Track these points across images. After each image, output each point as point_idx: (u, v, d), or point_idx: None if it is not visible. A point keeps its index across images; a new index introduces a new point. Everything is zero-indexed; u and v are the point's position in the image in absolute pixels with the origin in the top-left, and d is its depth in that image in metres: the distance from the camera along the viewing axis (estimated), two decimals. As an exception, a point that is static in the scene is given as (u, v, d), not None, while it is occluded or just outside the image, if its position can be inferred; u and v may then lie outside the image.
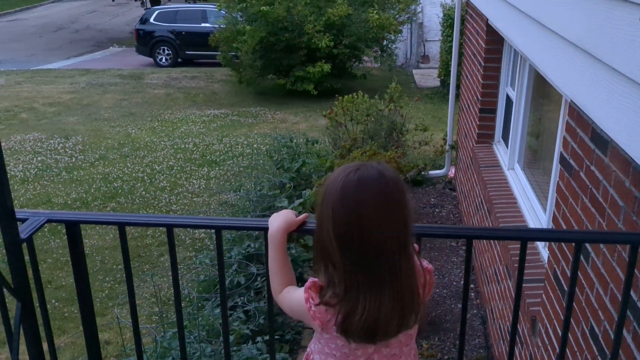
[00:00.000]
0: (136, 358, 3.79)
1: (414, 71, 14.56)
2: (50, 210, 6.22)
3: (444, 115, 9.14)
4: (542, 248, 3.24)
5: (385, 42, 12.65)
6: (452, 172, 6.83)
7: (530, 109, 4.12)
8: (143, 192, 7.29)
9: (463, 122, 6.01)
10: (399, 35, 12.94)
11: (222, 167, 8.12)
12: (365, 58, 12.59)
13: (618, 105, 1.88)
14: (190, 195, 7.19)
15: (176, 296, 1.76)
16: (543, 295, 2.79)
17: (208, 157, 8.60)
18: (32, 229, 1.61)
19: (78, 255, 1.75)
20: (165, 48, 16.11)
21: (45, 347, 1.77)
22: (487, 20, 4.65)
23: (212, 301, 4.18)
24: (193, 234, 5.98)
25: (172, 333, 3.73)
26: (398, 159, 6.07)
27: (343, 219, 1.32)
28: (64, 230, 6.47)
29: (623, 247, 1.91)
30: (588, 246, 2.22)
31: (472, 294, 4.60)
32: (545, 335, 2.72)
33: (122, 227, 1.72)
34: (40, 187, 7.50)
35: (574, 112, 2.40)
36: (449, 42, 10.69)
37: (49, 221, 1.69)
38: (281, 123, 10.51)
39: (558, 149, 3.00)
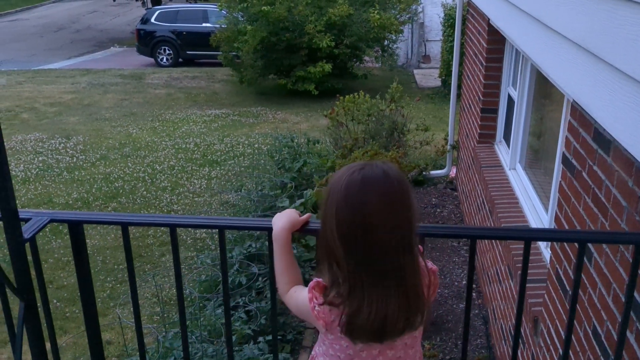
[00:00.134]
0: (138, 358, 3.80)
1: (415, 71, 14.55)
2: (51, 210, 6.22)
3: (445, 115, 9.14)
4: (544, 248, 3.24)
5: (386, 42, 12.65)
6: (454, 172, 6.82)
7: (531, 109, 4.11)
8: (144, 192, 7.29)
9: (464, 122, 6.00)
10: (400, 35, 12.94)
11: (223, 167, 8.12)
12: (366, 58, 12.59)
13: (621, 105, 1.87)
14: (191, 195, 7.19)
15: (179, 297, 1.76)
16: (545, 295, 2.79)
17: (209, 157, 8.60)
18: (35, 229, 1.61)
19: (81, 255, 1.74)
20: (166, 48, 16.11)
21: (47, 347, 1.77)
22: (489, 20, 4.64)
23: (214, 301, 4.18)
24: (194, 234, 5.98)
25: (174, 333, 3.73)
26: (399, 159, 6.07)
27: (347, 219, 1.32)
28: (65, 230, 6.45)
29: (626, 247, 1.91)
30: (590, 246, 2.21)
31: (474, 294, 4.59)
32: (547, 335, 2.72)
33: (125, 227, 1.72)
34: (41, 187, 7.50)
35: (576, 112, 2.39)
36: (450, 42, 10.68)
37: (52, 221, 1.68)
38: (282, 123, 10.51)
39: (560, 149, 3.00)
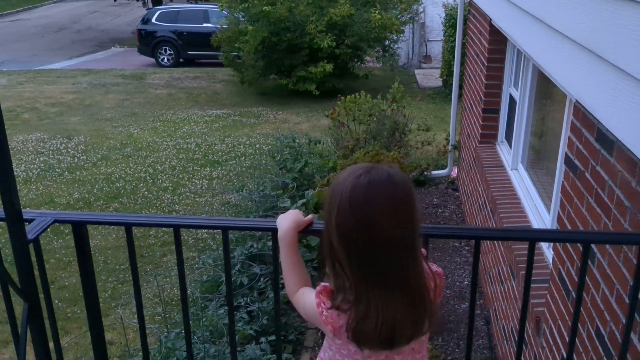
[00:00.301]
0: (140, 358, 3.80)
1: (416, 71, 14.55)
2: (53, 210, 6.22)
3: (446, 115, 9.15)
4: (546, 249, 3.23)
5: (387, 42, 12.65)
6: (455, 172, 6.82)
7: (533, 109, 4.11)
8: (145, 193, 7.29)
9: (466, 122, 6.00)
10: (401, 35, 12.93)
11: (225, 167, 8.12)
12: (367, 58, 12.58)
13: (624, 105, 1.87)
14: (192, 195, 7.19)
15: (183, 298, 1.75)
16: (547, 295, 2.78)
17: (210, 157, 8.60)
18: (39, 230, 1.61)
19: (85, 255, 1.74)
20: (167, 48, 16.11)
21: (50, 346, 1.77)
22: (491, 20, 4.64)
23: (216, 302, 4.18)
24: (196, 235, 5.98)
25: (176, 333, 3.73)
26: (401, 159, 6.07)
27: (352, 222, 1.30)
28: (67, 230, 6.41)
29: (629, 248, 1.91)
30: (593, 246, 2.21)
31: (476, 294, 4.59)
32: (549, 335, 2.72)
33: (129, 228, 1.72)
34: (42, 188, 7.50)
35: (579, 112, 2.39)
36: (451, 42, 10.67)
37: (56, 222, 1.68)
38: (283, 123, 10.51)
39: (562, 149, 2.99)
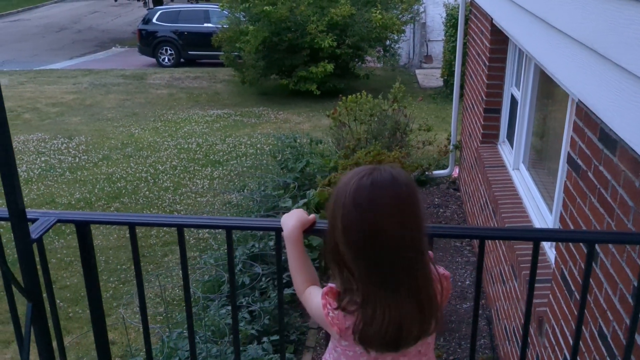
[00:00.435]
0: (142, 358, 3.80)
1: (417, 71, 14.55)
2: (54, 210, 6.22)
3: (447, 115, 9.15)
4: (549, 248, 3.23)
5: (388, 42, 12.65)
6: (456, 172, 6.82)
7: (535, 109, 4.11)
8: (147, 192, 7.29)
9: (467, 122, 6.00)
10: (402, 35, 12.94)
11: (226, 167, 8.12)
12: (368, 58, 12.59)
13: (628, 104, 1.87)
14: (194, 195, 7.19)
15: (186, 298, 1.75)
16: (550, 295, 2.78)
17: (211, 157, 8.60)
18: (43, 230, 1.61)
19: (88, 255, 1.74)
20: (167, 48, 16.11)
21: (53, 345, 1.77)
22: (492, 20, 4.64)
23: (218, 301, 4.18)
24: (197, 234, 5.98)
25: (178, 333, 3.73)
26: (402, 159, 6.07)
27: (356, 223, 1.29)
28: (68, 230, 6.40)
29: (632, 247, 1.90)
30: (596, 246, 2.20)
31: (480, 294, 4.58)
32: (552, 335, 2.71)
33: (133, 227, 1.72)
34: (44, 188, 7.50)
35: (582, 112, 2.39)
36: (452, 42, 10.67)
37: (59, 221, 1.68)
38: (284, 123, 10.51)
39: (565, 149, 2.99)
